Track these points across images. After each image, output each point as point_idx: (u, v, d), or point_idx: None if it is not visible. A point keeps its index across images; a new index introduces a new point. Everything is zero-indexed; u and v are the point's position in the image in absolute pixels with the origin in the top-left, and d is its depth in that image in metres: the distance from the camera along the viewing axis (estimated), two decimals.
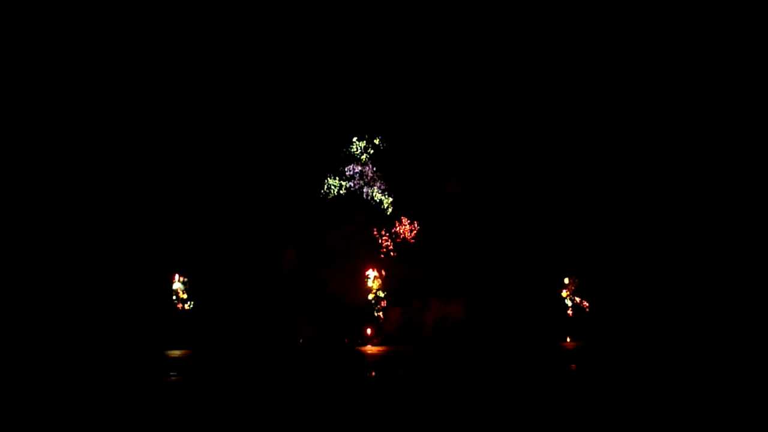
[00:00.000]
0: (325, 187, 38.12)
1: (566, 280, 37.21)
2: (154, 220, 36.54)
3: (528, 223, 38.12)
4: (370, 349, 34.03)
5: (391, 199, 38.94)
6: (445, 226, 38.81)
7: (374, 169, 38.94)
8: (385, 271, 37.87)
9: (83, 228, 35.35)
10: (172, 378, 22.09)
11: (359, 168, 38.70)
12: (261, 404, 16.40)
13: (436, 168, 39.41)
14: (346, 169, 39.06)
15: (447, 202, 38.83)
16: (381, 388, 19.56)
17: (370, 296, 37.57)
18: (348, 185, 38.63)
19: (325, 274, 37.50)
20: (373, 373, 23.12)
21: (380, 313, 37.51)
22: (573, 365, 24.86)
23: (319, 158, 39.34)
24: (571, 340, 36.05)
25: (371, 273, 37.74)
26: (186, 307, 35.52)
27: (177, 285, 35.78)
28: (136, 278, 35.04)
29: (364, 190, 38.64)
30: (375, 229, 37.83)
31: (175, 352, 32.16)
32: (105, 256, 35.12)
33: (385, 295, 37.70)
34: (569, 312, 37.09)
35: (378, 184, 38.89)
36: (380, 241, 37.84)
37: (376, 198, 38.46)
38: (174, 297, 35.59)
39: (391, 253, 37.77)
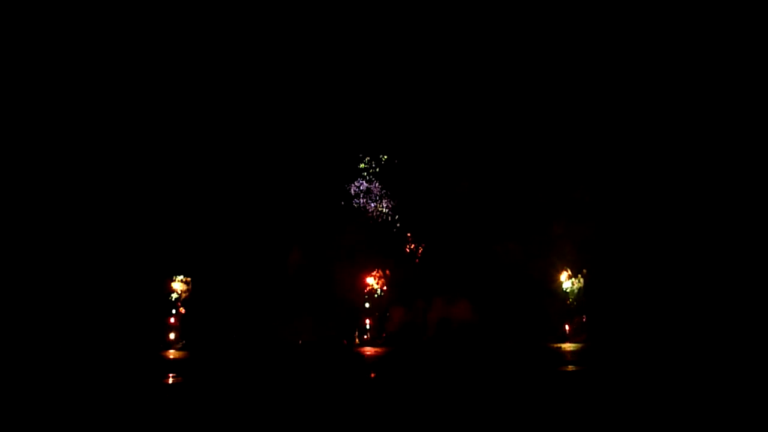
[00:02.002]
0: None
1: (566, 283, 37.18)
2: (155, 219, 36.54)
3: (530, 225, 38.10)
4: (370, 350, 33.99)
5: (397, 216, 39.04)
6: (449, 234, 38.82)
7: (379, 186, 38.97)
8: (389, 272, 37.84)
9: (82, 227, 35.36)
10: (171, 379, 22.03)
11: (365, 185, 38.69)
12: (261, 405, 16.34)
13: (443, 181, 39.46)
14: (351, 186, 39.07)
15: (453, 215, 38.82)
16: (380, 389, 19.48)
17: (372, 298, 37.53)
18: (354, 202, 38.73)
19: (327, 276, 37.47)
20: (373, 375, 23.06)
21: (382, 314, 37.47)
22: (570, 367, 24.76)
23: (326, 162, 39.38)
24: (569, 342, 36.01)
25: (374, 274, 37.71)
26: (183, 309, 35.52)
27: (177, 285, 35.81)
28: (135, 278, 35.03)
29: (370, 206, 38.66)
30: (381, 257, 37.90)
31: (174, 353, 32.16)
32: (104, 255, 35.14)
33: (387, 296, 37.64)
34: (567, 326, 37.07)
35: (384, 202, 38.89)
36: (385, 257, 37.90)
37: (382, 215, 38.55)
38: (173, 297, 35.60)
39: (390, 272, 37.84)
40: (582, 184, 37.96)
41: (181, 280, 35.98)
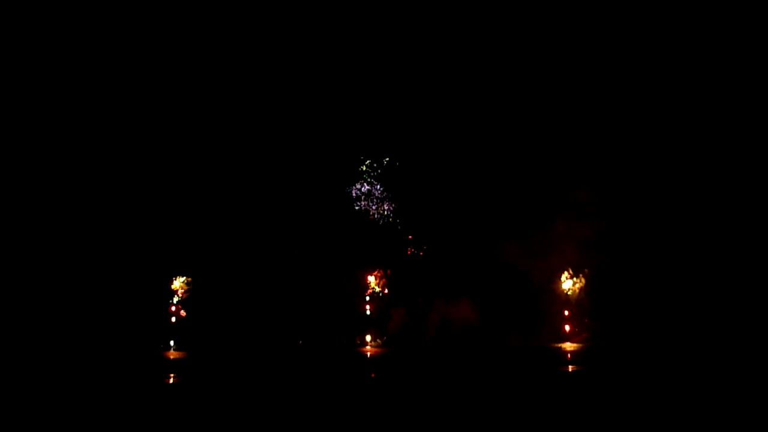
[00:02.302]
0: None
1: (566, 284, 37.20)
2: (156, 219, 36.55)
3: (531, 225, 38.10)
4: (370, 350, 33.97)
5: (398, 220, 39.12)
6: (450, 234, 38.85)
7: (381, 189, 38.96)
8: (390, 272, 37.84)
9: (82, 227, 35.35)
10: (171, 380, 22.05)
11: (367, 187, 38.65)
12: (261, 405, 16.36)
13: (444, 182, 39.47)
14: (353, 189, 39.08)
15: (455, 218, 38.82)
16: (381, 389, 19.49)
17: (373, 298, 37.51)
18: (355, 205, 38.79)
19: (327, 276, 37.45)
20: (373, 375, 23.08)
21: (383, 314, 37.44)
22: (571, 367, 24.79)
23: (327, 162, 39.39)
24: (570, 342, 35.98)
25: (376, 274, 37.69)
26: (183, 310, 35.51)
27: (177, 284, 35.77)
28: (135, 277, 35.02)
29: (372, 209, 38.66)
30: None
31: (174, 353, 32.15)
32: (104, 255, 35.13)
33: (388, 297, 37.61)
34: (568, 326, 37.10)
35: (386, 205, 38.89)
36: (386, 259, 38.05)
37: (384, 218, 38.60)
38: (173, 297, 35.58)
39: (391, 272, 37.91)
40: (583, 184, 37.96)
41: (183, 281, 35.97)
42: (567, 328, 37.01)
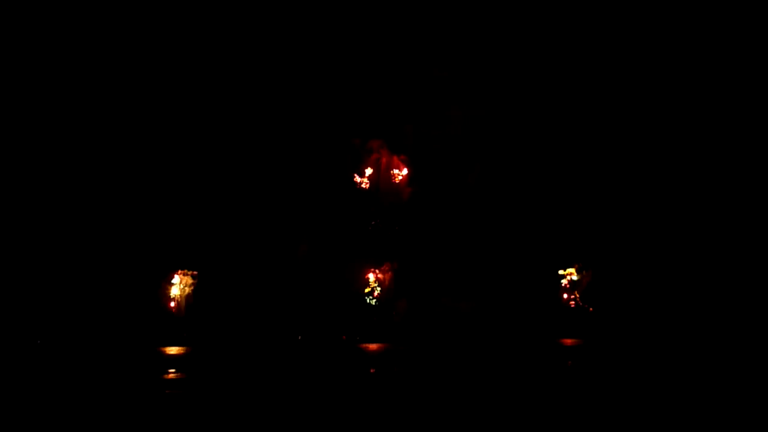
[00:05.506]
0: None
1: (573, 277, 37.11)
2: (156, 213, 36.62)
3: (534, 220, 38.13)
4: (371, 345, 33.96)
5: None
6: (455, 229, 38.96)
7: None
8: (396, 264, 37.88)
9: (81, 221, 35.44)
10: (170, 375, 22.09)
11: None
12: (261, 402, 16.37)
13: (449, 178, 39.68)
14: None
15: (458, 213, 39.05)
16: (381, 385, 19.47)
17: (372, 291, 37.50)
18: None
19: (328, 270, 37.50)
20: (373, 370, 23.10)
21: (385, 309, 37.45)
22: (570, 362, 24.81)
23: (334, 158, 39.56)
24: (572, 339, 35.95)
25: (381, 269, 37.74)
26: (185, 304, 35.56)
27: (176, 281, 35.80)
28: (134, 274, 35.10)
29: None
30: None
31: (173, 349, 32.20)
32: (103, 250, 35.21)
33: (391, 291, 37.63)
34: (571, 303, 37.00)
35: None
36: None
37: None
38: (173, 293, 35.63)
39: (395, 265, 37.99)
40: (588, 181, 37.98)
41: (185, 273, 35.97)
42: (570, 323, 36.94)
